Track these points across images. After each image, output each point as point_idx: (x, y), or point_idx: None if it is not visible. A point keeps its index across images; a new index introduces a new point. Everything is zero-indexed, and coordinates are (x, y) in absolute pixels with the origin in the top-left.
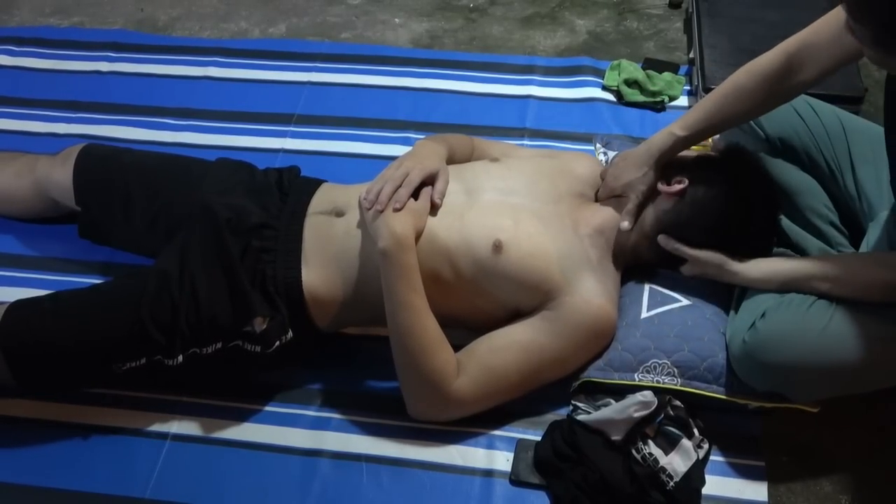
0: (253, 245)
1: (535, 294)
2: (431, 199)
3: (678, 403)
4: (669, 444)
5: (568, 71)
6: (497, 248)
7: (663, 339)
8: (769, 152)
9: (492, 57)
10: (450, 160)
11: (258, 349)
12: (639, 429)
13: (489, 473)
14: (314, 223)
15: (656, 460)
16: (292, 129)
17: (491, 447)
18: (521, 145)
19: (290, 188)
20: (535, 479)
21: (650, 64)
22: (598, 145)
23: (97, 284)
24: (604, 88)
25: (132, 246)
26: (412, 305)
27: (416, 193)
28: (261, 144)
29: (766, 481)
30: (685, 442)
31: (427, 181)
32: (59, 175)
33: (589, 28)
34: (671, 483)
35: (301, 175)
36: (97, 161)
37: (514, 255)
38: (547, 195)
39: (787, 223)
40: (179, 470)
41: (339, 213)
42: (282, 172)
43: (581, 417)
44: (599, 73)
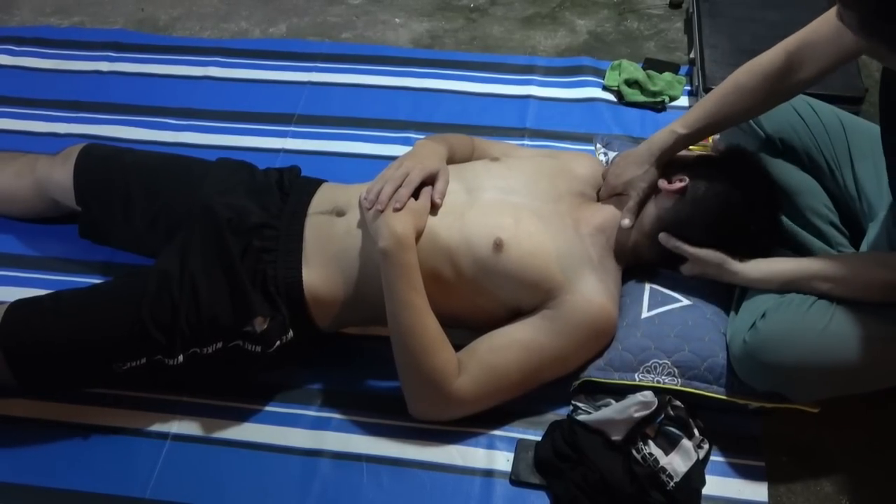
0: (253, 245)
1: (536, 293)
2: (432, 199)
3: (678, 403)
4: (670, 445)
5: (568, 71)
6: (498, 247)
7: (664, 339)
8: (769, 152)
9: (492, 57)
10: (450, 160)
11: (259, 349)
12: (639, 429)
13: (489, 473)
14: (315, 223)
15: (656, 460)
16: (293, 129)
17: (491, 447)
18: (522, 145)
19: (291, 188)
20: (536, 479)
21: (651, 64)
22: (599, 145)
23: (97, 284)
24: (604, 88)
25: (132, 246)
26: (413, 305)
27: (417, 193)
28: (261, 144)
29: (766, 481)
30: (685, 442)
31: (427, 181)
32: (60, 175)
33: (589, 28)
34: (671, 483)
35: (301, 175)
36: (98, 161)
37: (515, 254)
38: (547, 194)
39: (787, 223)
40: (180, 470)
41: (340, 213)
42: (282, 172)
43: (581, 417)
44: (600, 74)
